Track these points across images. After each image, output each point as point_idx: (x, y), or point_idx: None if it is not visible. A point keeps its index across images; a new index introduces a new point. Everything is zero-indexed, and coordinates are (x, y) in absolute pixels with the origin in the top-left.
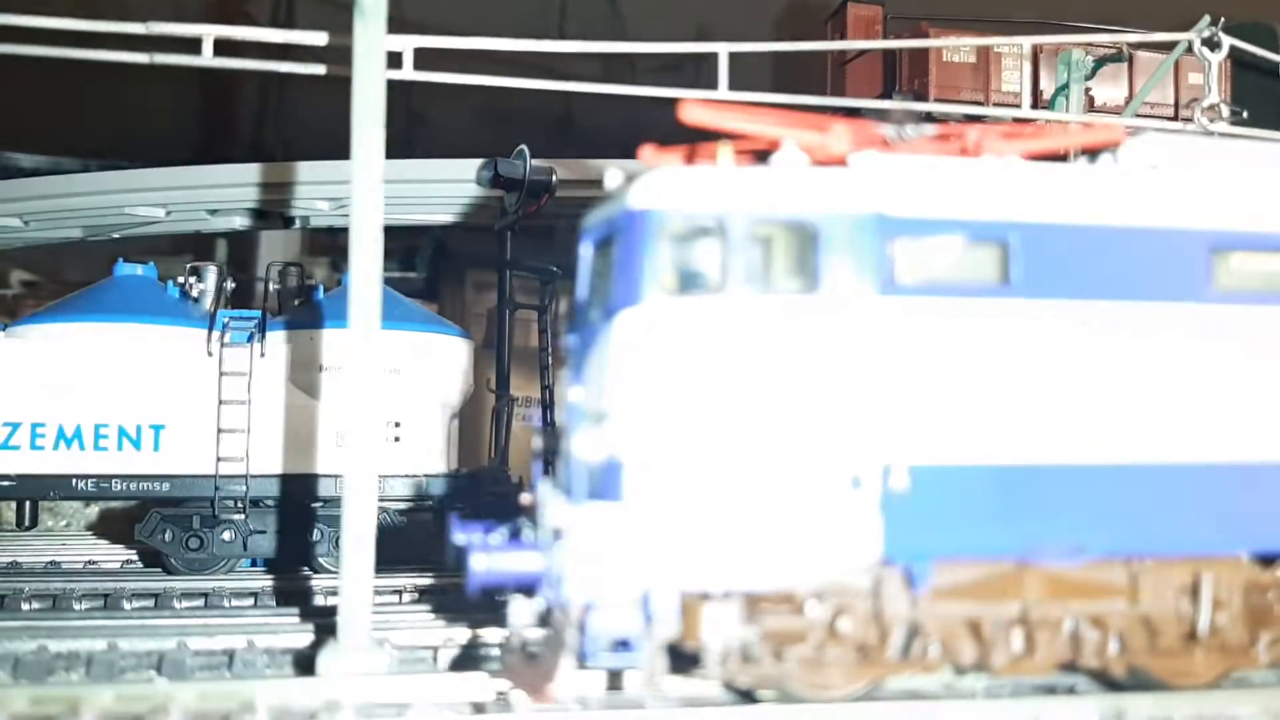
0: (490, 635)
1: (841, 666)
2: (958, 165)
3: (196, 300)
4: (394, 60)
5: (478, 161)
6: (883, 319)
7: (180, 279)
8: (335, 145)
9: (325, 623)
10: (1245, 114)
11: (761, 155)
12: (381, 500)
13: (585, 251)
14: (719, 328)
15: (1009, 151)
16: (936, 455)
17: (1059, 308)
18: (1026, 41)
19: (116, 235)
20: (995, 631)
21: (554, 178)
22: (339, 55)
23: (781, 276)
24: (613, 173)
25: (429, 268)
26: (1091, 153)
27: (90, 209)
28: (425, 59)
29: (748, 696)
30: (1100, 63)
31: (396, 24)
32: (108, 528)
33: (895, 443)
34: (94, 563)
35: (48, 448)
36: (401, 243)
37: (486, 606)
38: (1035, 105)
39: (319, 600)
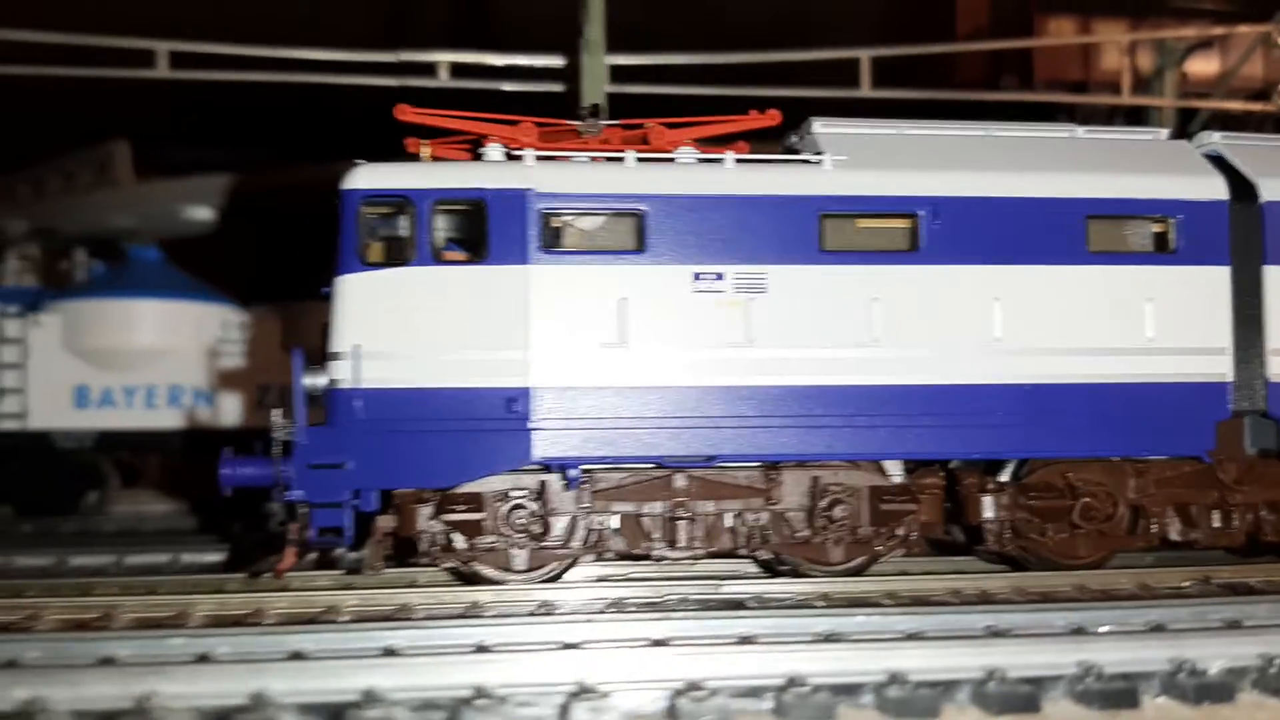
0: None
1: (520, 552)
2: (602, 155)
3: None
4: None
5: None
6: (532, 275)
7: None
8: None
9: None
10: None
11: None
12: None
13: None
14: (409, 288)
15: (678, 140)
16: (574, 380)
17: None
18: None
19: None
20: (653, 525)
21: None
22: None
23: (458, 241)
24: (354, 163)
25: None
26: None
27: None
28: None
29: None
30: (1190, 49)
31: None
32: None
33: (542, 372)
34: None
35: None
36: None
37: None
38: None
39: None
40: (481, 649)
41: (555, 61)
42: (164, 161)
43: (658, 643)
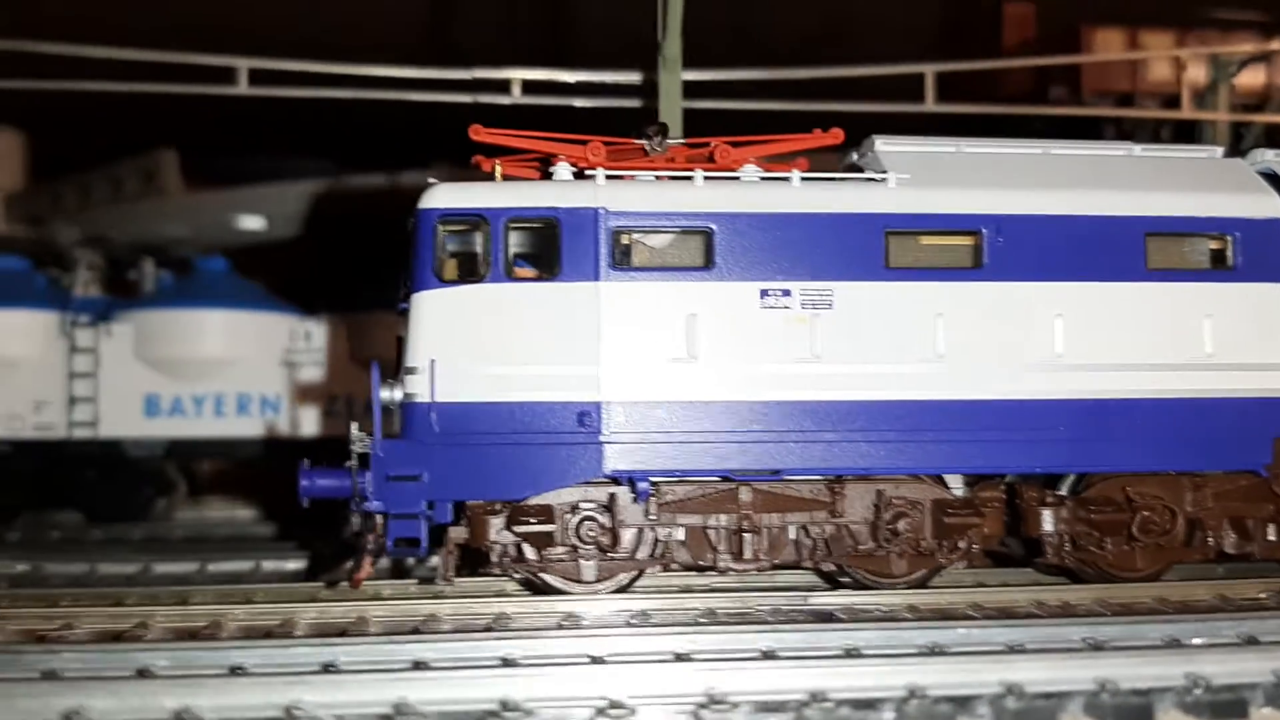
0: None
1: (589, 564)
2: (668, 174)
3: None
4: None
5: None
6: (603, 292)
7: None
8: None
9: None
10: None
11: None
12: None
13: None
14: (483, 304)
15: (743, 158)
16: (644, 395)
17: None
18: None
19: None
20: (719, 538)
21: None
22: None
23: (530, 258)
24: (430, 182)
25: None
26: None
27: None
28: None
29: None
30: (1244, 63)
31: None
32: None
33: (613, 387)
34: None
35: None
36: None
37: None
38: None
39: None
40: (596, 661)
41: (629, 78)
42: (214, 171)
43: (767, 654)
